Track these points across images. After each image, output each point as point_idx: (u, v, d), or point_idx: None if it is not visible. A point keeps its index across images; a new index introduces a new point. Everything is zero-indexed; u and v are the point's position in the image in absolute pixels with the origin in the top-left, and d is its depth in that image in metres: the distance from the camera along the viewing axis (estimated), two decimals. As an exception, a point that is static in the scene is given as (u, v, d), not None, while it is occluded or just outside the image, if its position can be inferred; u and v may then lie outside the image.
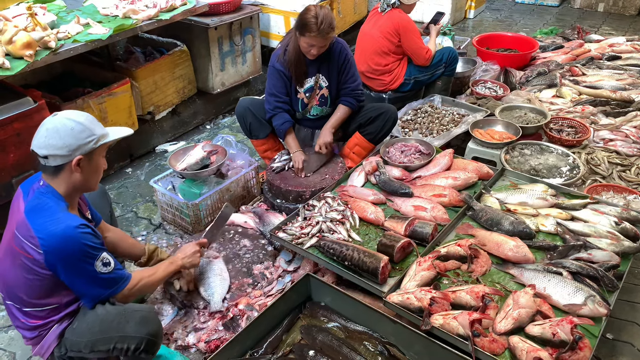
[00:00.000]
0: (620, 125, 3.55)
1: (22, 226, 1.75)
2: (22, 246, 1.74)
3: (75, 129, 1.74)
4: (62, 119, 1.75)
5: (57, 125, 1.73)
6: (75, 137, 1.74)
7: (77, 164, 1.76)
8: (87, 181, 1.84)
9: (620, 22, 5.95)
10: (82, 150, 1.76)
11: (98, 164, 1.85)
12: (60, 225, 1.71)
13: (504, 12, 6.41)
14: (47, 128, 1.74)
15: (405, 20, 3.55)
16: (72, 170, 1.77)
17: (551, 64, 4.40)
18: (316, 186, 2.94)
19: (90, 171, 1.83)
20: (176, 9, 3.43)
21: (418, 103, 3.71)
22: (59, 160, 1.75)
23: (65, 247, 1.71)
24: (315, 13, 2.73)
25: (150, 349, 1.84)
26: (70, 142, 1.73)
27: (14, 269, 1.79)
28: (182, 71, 3.95)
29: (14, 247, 1.78)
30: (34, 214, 1.75)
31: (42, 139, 1.73)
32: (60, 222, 1.72)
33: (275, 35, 4.54)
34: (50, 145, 1.73)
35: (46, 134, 1.73)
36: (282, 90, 3.04)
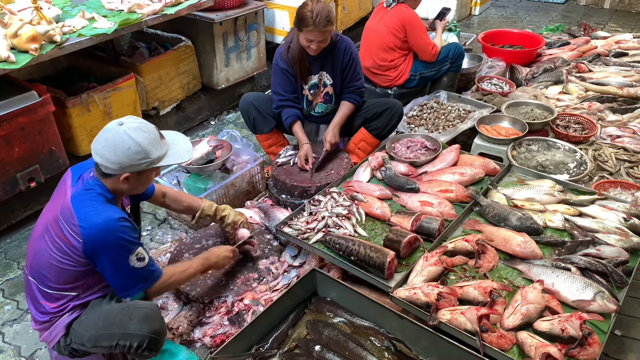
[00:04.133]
0: (628, 122, 3.53)
1: (66, 211, 1.78)
2: (63, 231, 1.77)
3: (132, 150, 1.75)
4: (123, 134, 1.75)
5: (116, 139, 1.75)
6: (129, 157, 1.75)
7: (125, 178, 1.80)
8: (133, 190, 1.91)
9: (627, 19, 5.91)
10: (133, 169, 1.78)
11: (147, 178, 1.89)
12: (102, 216, 1.75)
13: (510, 9, 6.38)
14: (106, 138, 1.76)
15: (411, 15, 3.53)
16: (119, 181, 1.81)
17: (557, 61, 4.37)
18: (322, 181, 2.92)
19: (138, 184, 1.88)
20: (181, 4, 3.41)
21: (424, 99, 3.69)
22: (109, 170, 1.79)
23: (104, 238, 1.74)
24: (311, 7, 2.72)
25: (153, 346, 1.84)
26: (122, 160, 1.75)
27: (48, 250, 1.81)
28: (187, 66, 3.94)
29: (54, 229, 1.80)
30: (79, 202, 1.78)
31: (99, 147, 1.76)
32: (102, 213, 1.76)
33: (279, 31, 4.52)
34: (104, 157, 1.76)
35: (104, 144, 1.76)
36: (287, 88, 3.03)
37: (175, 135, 1.96)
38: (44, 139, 2.94)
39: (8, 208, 3.01)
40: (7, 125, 2.74)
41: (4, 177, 2.84)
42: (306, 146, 3.00)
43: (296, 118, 3.06)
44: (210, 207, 2.48)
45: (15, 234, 3.05)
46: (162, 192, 2.36)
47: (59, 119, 3.09)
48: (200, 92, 4.19)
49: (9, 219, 3.05)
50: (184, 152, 1.91)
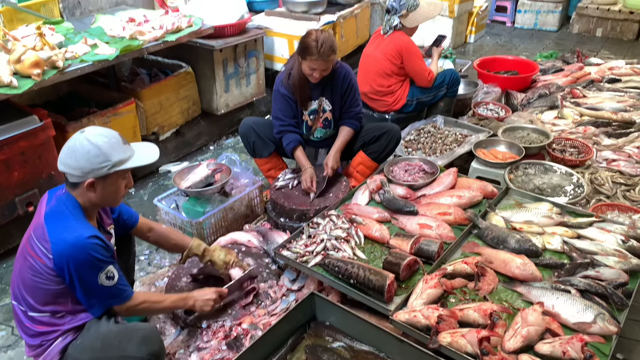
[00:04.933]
0: (623, 146, 3.56)
1: (38, 229, 1.79)
2: (35, 249, 1.78)
3: (91, 153, 1.76)
4: (83, 139, 1.77)
5: (76, 145, 1.77)
6: (89, 160, 1.76)
7: (90, 185, 1.79)
8: (103, 200, 1.88)
9: (619, 46, 6.03)
10: (95, 174, 1.78)
11: (116, 186, 1.86)
12: (73, 233, 1.75)
13: (504, 36, 6.51)
14: (68, 145, 1.79)
15: (407, 42, 3.60)
16: (86, 190, 1.80)
17: (552, 87, 4.44)
18: (320, 204, 2.93)
19: (106, 193, 1.85)
20: (182, 31, 3.48)
21: (421, 123, 3.73)
22: (74, 179, 1.80)
23: (74, 255, 1.73)
24: (315, 37, 2.78)
25: None
26: (83, 165, 1.76)
27: (24, 271, 1.81)
28: (187, 92, 3.99)
29: (27, 249, 1.81)
30: (51, 219, 1.79)
31: (62, 154, 1.79)
32: (74, 231, 1.75)
33: (278, 58, 4.60)
34: (66, 164, 1.78)
35: (66, 151, 1.79)
36: (287, 113, 3.07)
37: (142, 143, 1.99)
38: (44, 163, 2.96)
39: (6, 232, 3.01)
40: (7, 149, 2.75)
41: (3, 202, 2.84)
42: (310, 170, 3.03)
43: (298, 143, 3.08)
44: (198, 247, 2.39)
45: (12, 259, 3.01)
46: (148, 227, 2.30)
47: (59, 144, 3.09)
48: (200, 118, 4.23)
49: (6, 244, 3.04)
50: (150, 155, 1.91)
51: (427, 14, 3.69)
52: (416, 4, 3.63)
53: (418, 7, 3.63)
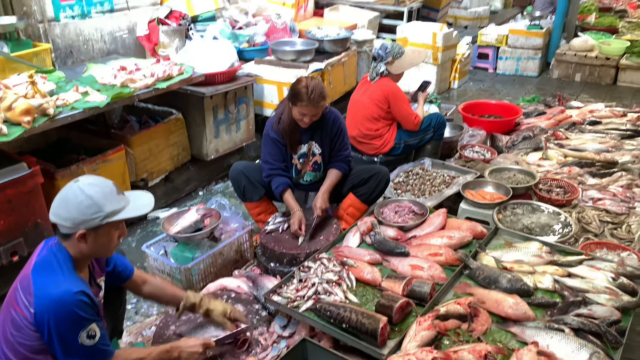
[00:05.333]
0: (607, 185, 3.62)
1: (25, 280, 1.74)
2: (18, 301, 1.71)
3: (83, 204, 1.73)
4: (76, 189, 1.75)
5: (68, 195, 1.74)
6: (81, 211, 1.73)
7: (81, 236, 1.75)
8: (95, 251, 1.83)
9: (597, 90, 6.24)
10: (87, 225, 1.74)
11: (108, 237, 1.82)
12: (60, 288, 1.69)
13: (487, 82, 6.70)
14: (60, 196, 1.76)
15: (393, 88, 3.71)
16: (77, 241, 1.76)
17: (535, 129, 4.55)
18: (311, 248, 2.91)
19: (98, 244, 1.81)
20: (173, 79, 3.55)
21: (409, 166, 3.78)
22: (65, 230, 1.76)
23: (56, 310, 1.67)
24: (306, 83, 2.85)
25: None
26: (75, 216, 1.73)
27: (6, 322, 1.74)
28: (177, 138, 4.02)
29: (11, 300, 1.74)
30: (39, 271, 1.74)
31: (54, 205, 1.76)
32: (61, 285, 1.70)
33: (268, 104, 4.68)
34: (57, 215, 1.75)
35: (58, 201, 1.75)
36: (276, 157, 3.10)
37: (138, 192, 1.96)
38: (31, 211, 2.92)
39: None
40: (-6, 197, 2.73)
41: (-13, 251, 2.78)
42: (299, 213, 3.02)
43: (287, 186, 3.10)
44: (194, 297, 2.33)
45: (-5, 309, 2.94)
46: (142, 279, 2.25)
47: (47, 191, 3.08)
48: (190, 163, 4.25)
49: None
50: (144, 206, 1.88)
51: (412, 61, 3.82)
52: (401, 52, 3.76)
53: (403, 55, 3.76)
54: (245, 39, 4.87)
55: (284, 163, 3.13)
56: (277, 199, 3.20)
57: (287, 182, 3.11)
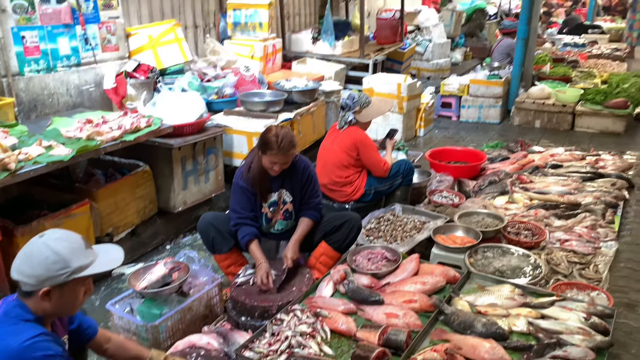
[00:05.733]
0: (573, 226, 3.71)
1: None
2: None
3: (49, 259, 1.65)
4: (41, 244, 1.68)
5: (33, 250, 1.67)
6: (46, 268, 1.65)
7: (46, 294, 1.67)
8: (60, 309, 1.75)
9: (556, 136, 6.49)
10: (52, 282, 1.66)
11: (74, 293, 1.74)
12: (21, 336, 1.60)
13: (451, 129, 6.90)
14: (24, 251, 1.68)
15: (362, 135, 3.78)
16: (40, 299, 1.67)
17: (501, 174, 4.67)
18: (283, 300, 2.84)
19: (63, 301, 1.72)
20: (141, 131, 3.52)
21: (380, 212, 3.80)
22: (28, 287, 1.67)
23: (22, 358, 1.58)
24: (276, 132, 2.87)
25: None
26: (40, 273, 1.65)
27: None
28: (144, 191, 3.95)
29: None
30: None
31: (17, 262, 1.67)
32: (21, 333, 1.61)
33: (238, 154, 4.67)
34: (21, 271, 1.66)
35: (21, 257, 1.67)
36: (245, 206, 3.07)
37: (106, 246, 1.90)
38: (-13, 269, 2.78)
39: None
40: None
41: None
42: (264, 264, 2.96)
43: (253, 236, 3.05)
44: (159, 354, 2.23)
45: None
46: (106, 337, 2.14)
47: (6, 249, 2.95)
48: (157, 216, 4.16)
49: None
50: (114, 259, 1.82)
51: (378, 109, 3.92)
52: (368, 101, 3.86)
53: (370, 104, 3.87)
54: (214, 90, 4.92)
55: (253, 212, 3.10)
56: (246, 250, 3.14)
57: (254, 231, 3.06)
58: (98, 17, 4.39)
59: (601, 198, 4.15)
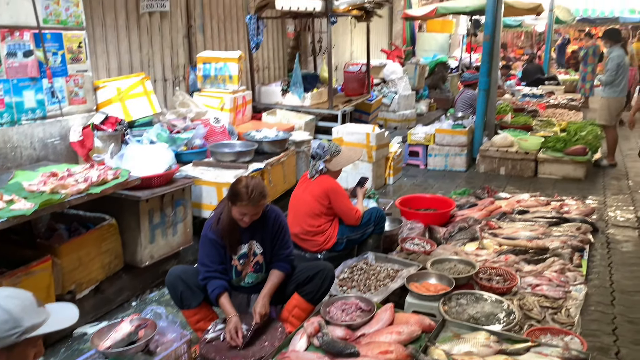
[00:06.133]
0: (542, 271, 3.76)
1: None
2: None
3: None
4: None
5: None
6: None
7: None
8: None
9: (521, 182, 6.67)
10: (1, 343, 1.55)
11: (23, 356, 1.62)
12: None
13: (419, 177, 7.03)
14: None
15: (333, 184, 3.80)
16: None
17: (469, 220, 4.73)
18: (255, 356, 2.74)
19: None
20: (108, 183, 3.44)
21: (353, 261, 3.77)
22: None
23: None
24: (246, 183, 2.85)
25: None
26: None
27: None
28: (109, 245, 3.82)
29: None
30: None
31: None
32: None
33: (207, 206, 4.61)
34: None
35: None
36: (214, 259, 3.00)
37: (60, 304, 1.80)
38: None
39: None
40: None
41: None
42: (234, 318, 2.87)
43: (223, 289, 2.97)
44: None
45: None
46: None
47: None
48: (122, 272, 4.01)
49: None
50: (68, 318, 1.72)
51: (349, 158, 3.97)
52: (338, 150, 3.91)
53: (340, 153, 3.92)
54: (183, 142, 4.90)
55: (222, 265, 3.03)
56: (216, 305, 3.04)
57: (224, 285, 2.98)
58: (66, 70, 4.38)
59: (568, 242, 4.24)
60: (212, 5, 7.00)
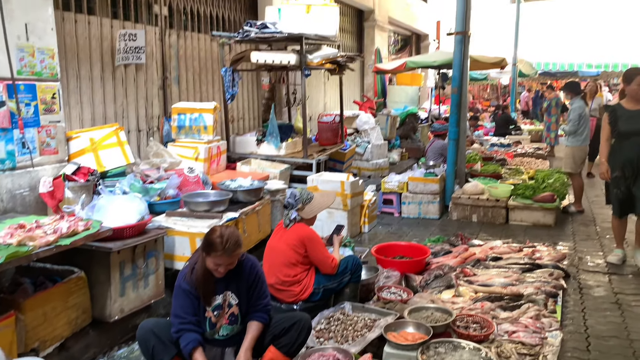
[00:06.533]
0: (518, 317, 3.76)
1: None
2: None
3: None
4: None
5: None
6: None
7: None
8: None
9: (493, 229, 6.77)
10: None
11: None
12: None
13: (394, 225, 7.07)
14: None
15: (309, 231, 3.79)
16: None
17: (445, 267, 4.74)
18: (229, 413, 2.62)
19: None
20: (78, 234, 3.36)
21: (330, 311, 3.71)
22: None
23: None
24: (220, 233, 2.83)
25: None
26: None
27: None
28: (77, 299, 3.68)
29: None
30: None
31: None
32: None
33: (180, 257, 4.52)
34: None
35: None
36: (188, 310, 2.92)
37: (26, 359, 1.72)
38: None
39: None
40: None
41: None
42: None
43: (197, 343, 2.87)
44: None
45: None
46: None
47: None
48: (89, 327, 3.84)
49: None
50: None
51: (321, 204, 3.98)
52: (310, 197, 3.92)
53: (312, 199, 3.93)
54: (157, 192, 4.85)
55: (196, 317, 2.94)
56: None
57: (198, 338, 2.89)
58: (38, 121, 4.35)
59: (541, 288, 4.28)
60: (188, 58, 7.13)
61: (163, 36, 6.63)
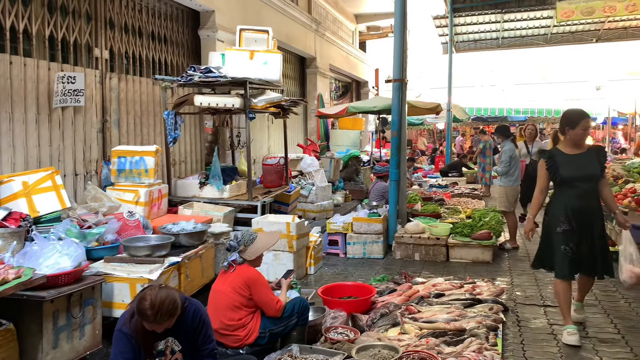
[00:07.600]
0: (462, 351, 3.84)
1: None
2: None
3: None
4: None
5: None
6: None
7: None
8: None
9: (435, 267, 6.95)
10: None
11: None
12: None
13: (339, 266, 7.10)
14: None
15: (253, 273, 3.75)
16: None
17: (390, 306, 4.80)
18: None
19: None
20: (8, 283, 3.17)
21: (277, 354, 3.63)
22: None
23: None
24: (150, 303, 2.68)
25: None
26: None
27: None
28: (4, 354, 3.41)
29: None
30: None
31: None
32: None
33: (119, 304, 4.31)
34: None
35: None
36: (128, 356, 2.80)
37: None
38: None
39: None
40: None
41: None
42: None
43: None
44: None
45: None
46: None
47: None
48: (17, 386, 3.56)
49: None
50: None
51: (265, 244, 3.95)
52: (252, 238, 3.90)
53: (255, 240, 3.89)
54: (95, 237, 4.66)
55: (137, 364, 2.81)
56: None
57: None
58: (-34, 164, 4.12)
59: (483, 322, 4.40)
60: (129, 101, 7.06)
61: (103, 79, 6.55)
